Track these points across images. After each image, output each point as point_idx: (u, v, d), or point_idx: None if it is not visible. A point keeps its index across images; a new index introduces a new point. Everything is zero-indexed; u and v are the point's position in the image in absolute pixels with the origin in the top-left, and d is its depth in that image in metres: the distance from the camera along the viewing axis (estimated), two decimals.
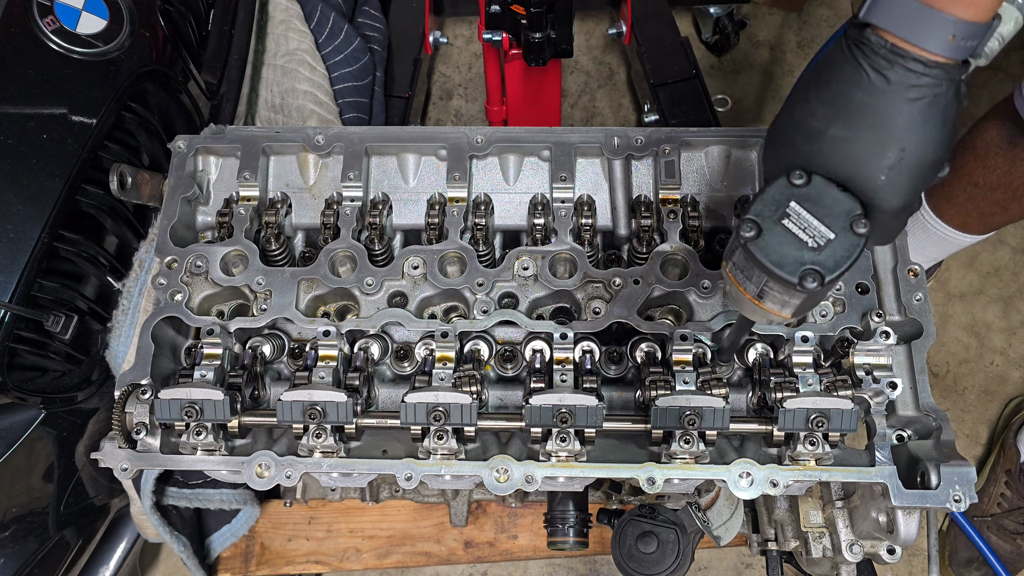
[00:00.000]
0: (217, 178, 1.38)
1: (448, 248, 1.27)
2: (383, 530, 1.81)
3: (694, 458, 1.13)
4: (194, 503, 1.57)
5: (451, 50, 2.97)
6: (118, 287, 1.41)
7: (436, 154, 1.37)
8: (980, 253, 2.65)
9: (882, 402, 1.17)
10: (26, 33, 1.33)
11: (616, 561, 1.36)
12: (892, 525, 1.17)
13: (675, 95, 2.36)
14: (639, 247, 1.28)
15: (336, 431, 1.15)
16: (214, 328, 1.22)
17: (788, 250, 0.85)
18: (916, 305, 1.23)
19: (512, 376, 1.30)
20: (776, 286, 0.87)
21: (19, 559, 1.42)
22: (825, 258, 0.85)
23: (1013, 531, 2.16)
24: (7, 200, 1.27)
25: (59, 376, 1.40)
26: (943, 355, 2.54)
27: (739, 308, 0.99)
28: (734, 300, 0.97)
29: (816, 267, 0.84)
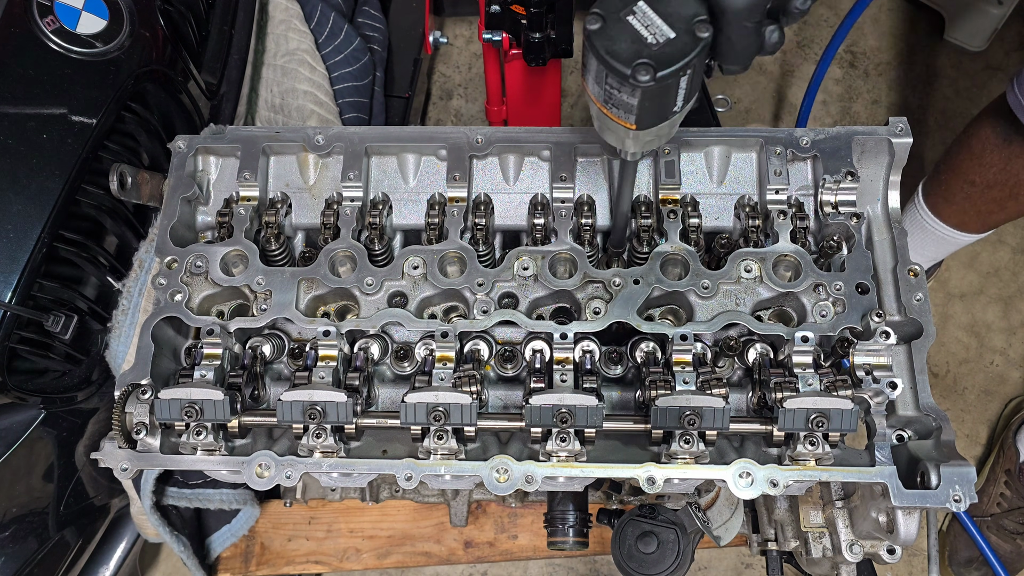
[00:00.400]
0: (217, 178, 1.38)
1: (448, 248, 1.27)
2: (383, 530, 1.81)
3: (694, 458, 1.13)
4: (194, 503, 1.57)
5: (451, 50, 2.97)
6: (118, 287, 1.41)
7: (436, 154, 1.37)
8: (980, 253, 2.65)
9: (882, 402, 1.17)
10: (26, 33, 1.33)
11: (616, 561, 1.36)
12: (892, 525, 1.17)
13: None
14: (639, 247, 1.28)
15: (336, 431, 1.15)
16: (214, 328, 1.22)
17: (626, 44, 0.86)
18: (916, 305, 1.23)
19: (512, 376, 1.30)
20: (614, 82, 0.87)
21: (19, 559, 1.42)
22: (660, 54, 0.85)
23: (1013, 531, 2.16)
24: (7, 200, 1.27)
25: (59, 376, 1.40)
26: (943, 355, 2.54)
27: (602, 134, 1.00)
28: (597, 122, 0.98)
29: (650, 61, 0.85)
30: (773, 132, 1.33)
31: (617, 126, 0.94)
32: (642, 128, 0.93)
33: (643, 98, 0.88)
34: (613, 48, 0.86)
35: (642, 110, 0.90)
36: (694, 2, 0.87)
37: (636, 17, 0.87)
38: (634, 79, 0.85)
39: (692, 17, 0.86)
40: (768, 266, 1.23)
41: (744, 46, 0.92)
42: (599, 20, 0.87)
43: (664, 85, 0.86)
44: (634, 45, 0.86)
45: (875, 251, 1.30)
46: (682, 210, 1.30)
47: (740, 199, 1.34)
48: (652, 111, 0.91)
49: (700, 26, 0.86)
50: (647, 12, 0.87)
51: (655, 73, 0.84)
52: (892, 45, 2.95)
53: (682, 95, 0.90)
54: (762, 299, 1.23)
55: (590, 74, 0.90)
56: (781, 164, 1.31)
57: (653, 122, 0.92)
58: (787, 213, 1.28)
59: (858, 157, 1.32)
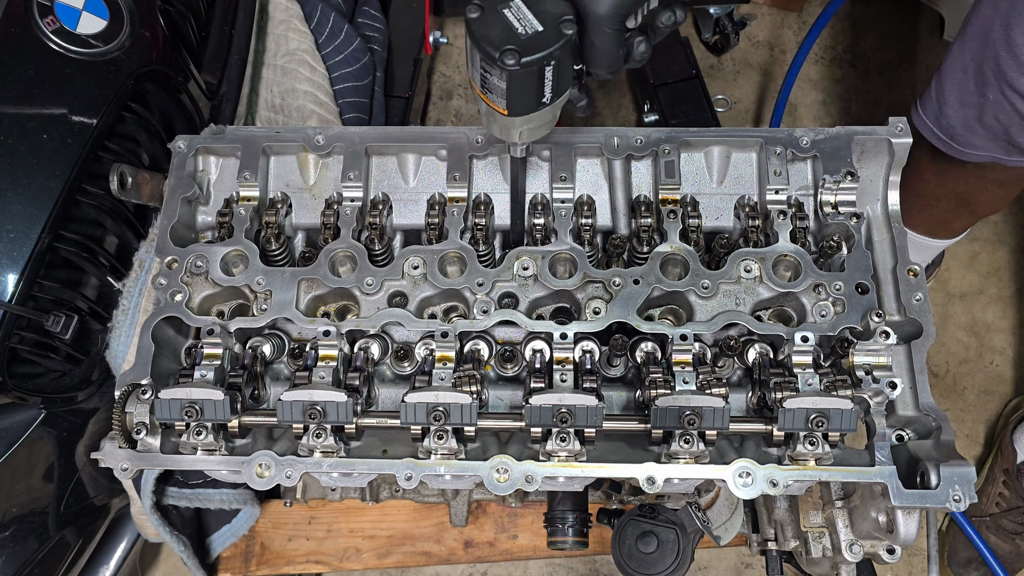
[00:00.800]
0: (217, 178, 1.38)
1: (448, 248, 1.27)
2: (383, 530, 1.81)
3: (694, 458, 1.13)
4: (194, 503, 1.57)
5: (451, 50, 2.97)
6: (118, 287, 1.41)
7: (436, 154, 1.37)
8: (980, 253, 2.65)
9: (882, 402, 1.17)
10: (26, 33, 1.33)
11: (616, 561, 1.36)
12: (892, 525, 1.17)
13: (675, 95, 2.36)
14: (639, 247, 1.28)
15: (336, 431, 1.15)
16: (214, 328, 1.22)
17: (498, 31, 0.96)
18: (916, 305, 1.23)
19: (512, 376, 1.30)
20: (486, 65, 0.97)
21: (19, 559, 1.42)
22: (527, 43, 0.95)
23: (1012, 531, 2.16)
24: (7, 200, 1.27)
25: (59, 376, 1.40)
26: (943, 355, 2.54)
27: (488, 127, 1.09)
28: (484, 116, 1.07)
29: (517, 48, 0.94)
30: (773, 132, 1.33)
31: (493, 112, 1.03)
32: (514, 114, 1.02)
33: (511, 82, 0.97)
34: (487, 34, 0.96)
35: (512, 95, 0.99)
36: (564, 3, 0.98)
37: (511, 11, 0.97)
38: (501, 62, 0.94)
39: (560, 15, 0.97)
40: (768, 266, 1.23)
41: (607, 51, 1.01)
42: (478, 10, 0.97)
43: (529, 71, 0.96)
44: (505, 33, 0.96)
45: (875, 251, 1.30)
46: (682, 210, 1.30)
47: (740, 199, 1.34)
48: (521, 98, 1.00)
49: (566, 24, 0.96)
50: (521, 7, 0.97)
51: (520, 58, 0.94)
52: (892, 45, 2.95)
53: (549, 86, 0.99)
54: (762, 299, 1.24)
55: (471, 61, 1.00)
56: (781, 164, 1.31)
57: (524, 110, 1.01)
58: (787, 213, 1.28)
59: (858, 157, 1.32)
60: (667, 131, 1.34)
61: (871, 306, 1.20)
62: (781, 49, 2.95)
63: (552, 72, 0.97)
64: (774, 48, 2.95)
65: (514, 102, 1.00)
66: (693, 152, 1.36)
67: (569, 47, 0.97)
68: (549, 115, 1.05)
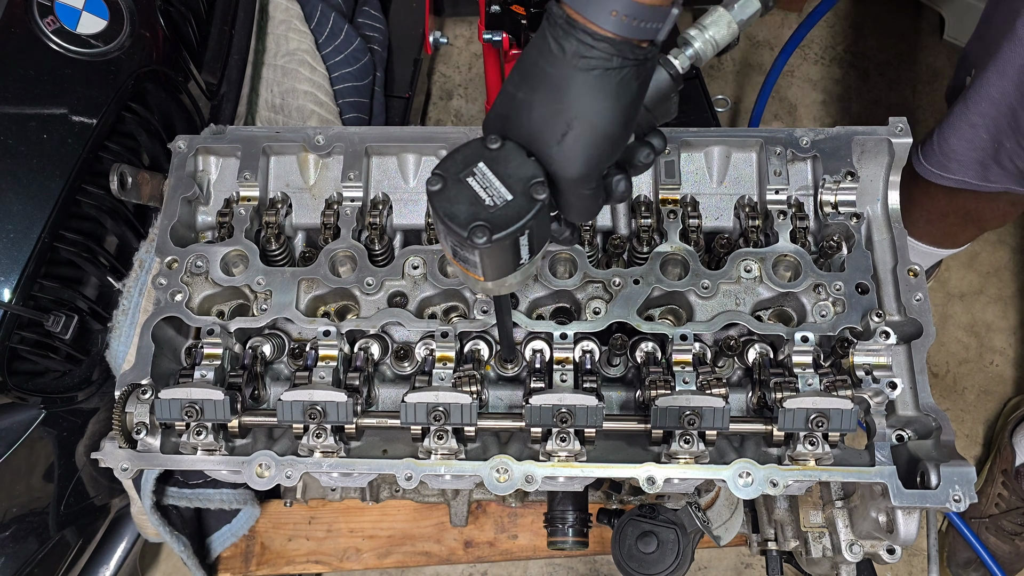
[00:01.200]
0: (217, 178, 1.38)
1: None
2: (383, 530, 1.81)
3: (694, 458, 1.13)
4: (194, 503, 1.57)
5: (451, 50, 2.97)
6: (118, 287, 1.41)
7: (436, 154, 1.37)
8: (980, 253, 2.65)
9: (882, 402, 1.17)
10: (26, 33, 1.33)
11: (616, 561, 1.37)
12: (892, 525, 1.17)
13: None
14: (639, 247, 1.28)
15: (336, 431, 1.15)
16: (214, 328, 1.22)
17: (464, 206, 0.88)
18: (916, 305, 1.23)
19: (512, 376, 1.30)
20: (454, 240, 0.90)
21: (19, 559, 1.42)
22: (497, 216, 0.87)
23: (1011, 532, 2.16)
24: (7, 200, 1.27)
25: (59, 376, 1.40)
26: (943, 355, 2.54)
27: (467, 283, 1.02)
28: (459, 274, 1.01)
29: (486, 223, 0.86)
30: (773, 132, 1.33)
31: (468, 276, 0.96)
32: (491, 280, 0.96)
33: (483, 257, 0.90)
34: (451, 210, 0.88)
35: (486, 266, 0.92)
36: (532, 165, 0.89)
37: (475, 179, 0.89)
38: (471, 241, 0.86)
39: (529, 179, 0.88)
40: (768, 266, 1.23)
41: (584, 206, 0.94)
42: (440, 181, 0.89)
43: (502, 246, 0.88)
44: (472, 207, 0.87)
45: (875, 251, 1.30)
46: (682, 210, 1.30)
47: (740, 199, 1.34)
48: (497, 266, 0.93)
49: (537, 188, 0.87)
50: (486, 174, 0.89)
51: (491, 236, 0.86)
52: (892, 45, 2.95)
53: (526, 249, 0.92)
54: (762, 299, 1.24)
55: (439, 232, 0.93)
56: (781, 164, 1.31)
57: (501, 274, 0.95)
58: (787, 213, 1.28)
59: (858, 157, 1.32)
60: (667, 131, 1.34)
61: (871, 306, 1.20)
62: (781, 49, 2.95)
63: (527, 238, 0.91)
64: (774, 48, 2.95)
65: (490, 270, 0.94)
66: (693, 152, 1.36)
67: (544, 212, 0.90)
68: (531, 268, 0.99)
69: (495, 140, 0.90)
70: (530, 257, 0.94)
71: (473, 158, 0.90)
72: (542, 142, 0.88)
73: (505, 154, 0.89)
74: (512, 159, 0.89)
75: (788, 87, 2.91)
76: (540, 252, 0.96)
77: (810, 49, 2.96)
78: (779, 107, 2.89)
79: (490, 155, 0.89)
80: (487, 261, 0.91)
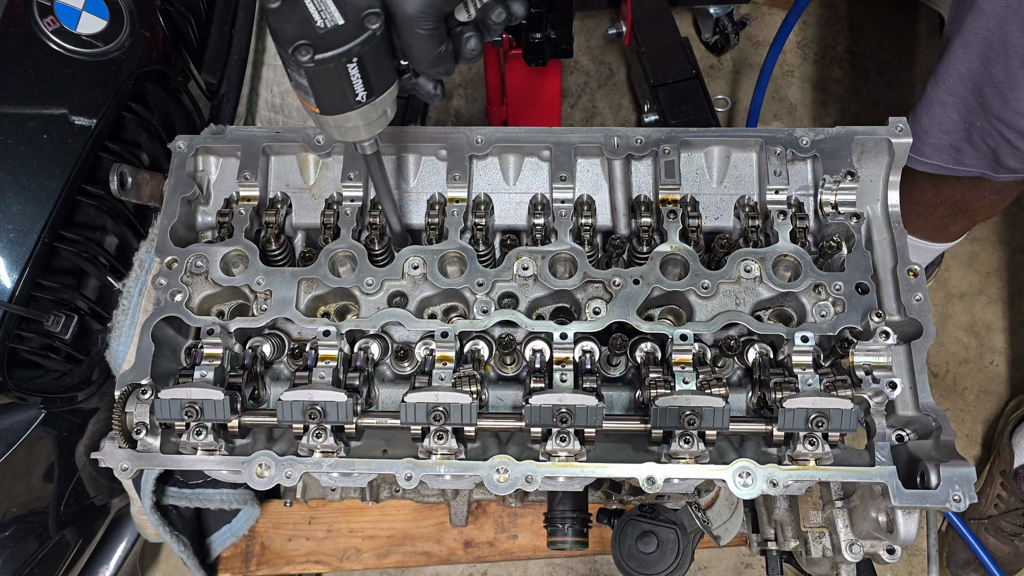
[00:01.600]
0: (217, 178, 1.38)
1: (448, 248, 1.27)
2: (383, 530, 1.81)
3: (694, 458, 1.13)
4: (194, 503, 1.57)
5: None
6: (118, 287, 1.41)
7: (436, 154, 1.37)
8: (980, 253, 2.65)
9: (882, 402, 1.17)
10: (26, 33, 1.33)
11: (616, 561, 1.37)
12: (892, 525, 1.17)
13: (675, 95, 2.36)
14: (639, 247, 1.28)
15: (336, 431, 1.15)
16: (214, 328, 1.22)
17: (295, 25, 0.87)
18: (916, 305, 1.23)
19: (512, 376, 1.30)
20: (283, 59, 0.89)
21: (19, 559, 1.42)
22: (324, 38, 0.87)
23: (1010, 532, 2.16)
24: (7, 200, 1.27)
25: (59, 376, 1.40)
26: (943, 355, 2.54)
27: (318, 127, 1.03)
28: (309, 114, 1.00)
29: (310, 43, 0.86)
30: (773, 132, 1.33)
31: (310, 110, 0.95)
32: (327, 113, 0.95)
33: (312, 80, 0.89)
34: (282, 27, 0.87)
35: (318, 94, 0.91)
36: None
37: (313, 1, 0.88)
38: (294, 59, 0.86)
39: (364, 8, 0.87)
40: (768, 266, 1.23)
41: (423, 50, 0.93)
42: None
43: (326, 68, 0.87)
44: (301, 27, 0.87)
45: (875, 251, 1.30)
46: (682, 210, 1.30)
47: (740, 199, 1.34)
48: (330, 97, 0.92)
49: (370, 18, 0.87)
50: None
51: (314, 55, 0.86)
52: (892, 45, 2.95)
53: (360, 84, 0.90)
54: (762, 299, 1.24)
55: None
56: (781, 164, 1.31)
57: (337, 109, 0.94)
58: (787, 213, 1.28)
59: (858, 157, 1.32)
60: (667, 131, 1.34)
61: (871, 306, 1.20)
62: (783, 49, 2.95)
63: (358, 69, 0.89)
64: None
65: (323, 101, 0.93)
66: (693, 152, 1.36)
67: (374, 43, 0.88)
68: (373, 112, 0.97)
69: None
70: (368, 96, 0.93)
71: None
72: None
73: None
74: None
75: (788, 87, 2.91)
76: (385, 96, 0.94)
77: (810, 49, 2.96)
78: (779, 107, 2.89)
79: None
80: (317, 87, 0.90)
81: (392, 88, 0.97)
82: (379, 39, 0.89)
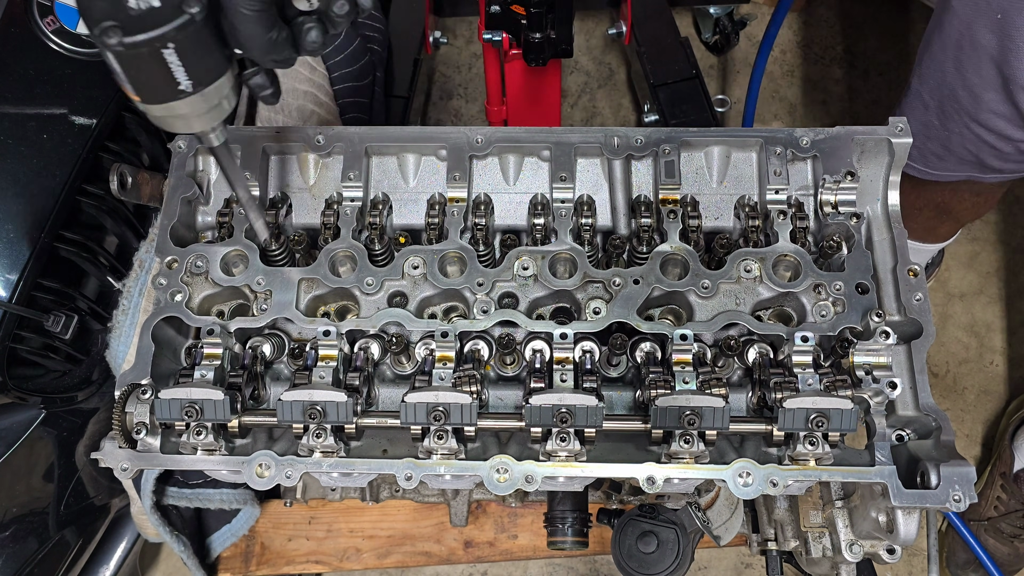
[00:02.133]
0: (217, 178, 1.38)
1: (448, 248, 1.27)
2: (383, 530, 1.81)
3: (694, 458, 1.13)
4: (194, 503, 1.57)
5: (451, 50, 2.97)
6: (118, 287, 1.41)
7: (436, 154, 1.37)
8: (980, 253, 2.65)
9: (882, 402, 1.17)
10: (26, 33, 1.33)
11: (616, 561, 1.37)
12: (892, 525, 1.17)
13: (675, 95, 2.36)
14: (639, 247, 1.28)
15: (336, 431, 1.15)
16: (214, 328, 1.22)
17: (105, 3, 0.79)
18: (916, 305, 1.23)
19: (512, 376, 1.30)
20: (94, 40, 0.81)
21: (19, 559, 1.42)
22: (135, 19, 0.79)
23: (1010, 534, 2.16)
24: (7, 200, 1.27)
25: (59, 376, 1.40)
26: (943, 355, 2.54)
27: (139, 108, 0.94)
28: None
29: (120, 24, 0.79)
30: (773, 132, 1.33)
31: (133, 99, 0.88)
32: (148, 102, 0.88)
33: (124, 66, 0.82)
34: (90, 4, 0.79)
35: (134, 81, 0.84)
36: None
37: None
38: (102, 41, 0.79)
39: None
40: (768, 266, 1.23)
41: (252, 36, 0.87)
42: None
43: (137, 53, 0.80)
44: (112, 5, 0.79)
45: (875, 251, 1.30)
46: (682, 210, 1.30)
47: (740, 199, 1.34)
48: (148, 85, 0.85)
49: (189, 1, 0.80)
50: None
51: (122, 38, 0.78)
52: (892, 45, 2.95)
53: (182, 72, 0.84)
54: (762, 299, 1.24)
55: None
56: (781, 164, 1.31)
57: (158, 98, 0.87)
58: (787, 213, 1.28)
59: (858, 157, 1.32)
60: (667, 131, 1.34)
61: (871, 306, 1.20)
62: (781, 49, 2.95)
63: (177, 56, 0.82)
64: (774, 48, 2.95)
65: (141, 89, 0.85)
66: (693, 152, 1.36)
67: (194, 28, 0.81)
68: (203, 103, 0.90)
69: None
70: (194, 85, 0.86)
71: None
72: None
73: None
74: None
75: (788, 87, 2.91)
76: (216, 85, 0.88)
77: (810, 49, 2.96)
78: (779, 107, 2.89)
79: None
80: (132, 74, 0.83)
81: (223, 78, 0.91)
82: (200, 24, 0.81)
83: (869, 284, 1.21)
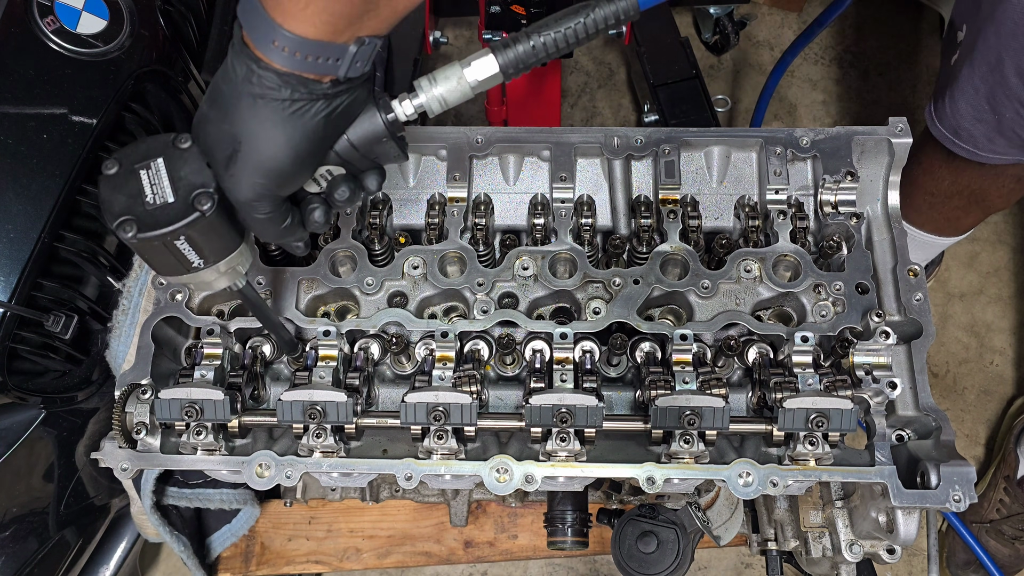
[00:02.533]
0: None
1: (448, 248, 1.27)
2: (383, 530, 1.81)
3: (694, 458, 1.13)
4: (194, 503, 1.57)
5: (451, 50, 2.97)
6: (118, 287, 1.41)
7: (436, 154, 1.37)
8: (980, 253, 2.65)
9: (882, 402, 1.17)
10: (26, 33, 1.33)
11: (616, 561, 1.37)
12: (892, 525, 1.17)
13: (675, 95, 2.36)
14: (639, 247, 1.28)
15: (336, 431, 1.15)
16: (214, 328, 1.22)
17: (124, 197, 0.86)
18: (916, 305, 1.23)
19: (512, 376, 1.30)
20: (111, 229, 0.88)
21: (19, 559, 1.42)
22: (150, 215, 0.86)
23: (1011, 536, 2.15)
24: (7, 200, 1.27)
25: (59, 376, 1.40)
26: (943, 355, 2.54)
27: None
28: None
29: (135, 219, 0.85)
30: (773, 132, 1.33)
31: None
32: (165, 275, 0.94)
33: (139, 251, 0.89)
34: (111, 198, 0.86)
35: (149, 261, 0.91)
36: (207, 175, 0.87)
37: (148, 173, 0.87)
38: (119, 233, 0.85)
39: (197, 188, 0.86)
40: (768, 266, 1.23)
41: (264, 230, 0.92)
42: (115, 165, 0.88)
43: (151, 245, 0.87)
44: (130, 201, 0.86)
45: (875, 251, 1.30)
46: (682, 210, 1.30)
47: (740, 199, 1.34)
48: (163, 264, 0.91)
49: (200, 198, 0.86)
50: (159, 171, 0.87)
51: (137, 232, 0.85)
52: (892, 45, 2.95)
53: (194, 254, 0.90)
54: (762, 299, 1.24)
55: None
56: (781, 164, 1.31)
57: (174, 273, 0.93)
58: (787, 213, 1.28)
59: (858, 157, 1.32)
60: (667, 131, 1.34)
61: (871, 306, 1.20)
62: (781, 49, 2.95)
63: (188, 244, 0.88)
64: (774, 48, 2.95)
65: (157, 267, 0.92)
66: (693, 152, 1.36)
67: (206, 223, 0.87)
68: (215, 273, 0.95)
69: (186, 140, 0.88)
70: (204, 263, 0.92)
71: (155, 152, 0.88)
72: (213, 158, 0.87)
73: (189, 156, 0.88)
74: (192, 163, 0.87)
75: (788, 87, 2.91)
76: (223, 261, 0.94)
77: (810, 49, 2.96)
78: (779, 107, 2.89)
79: (174, 153, 0.88)
80: (147, 257, 0.90)
81: (236, 252, 0.96)
82: (210, 219, 0.87)
83: (869, 284, 1.21)
